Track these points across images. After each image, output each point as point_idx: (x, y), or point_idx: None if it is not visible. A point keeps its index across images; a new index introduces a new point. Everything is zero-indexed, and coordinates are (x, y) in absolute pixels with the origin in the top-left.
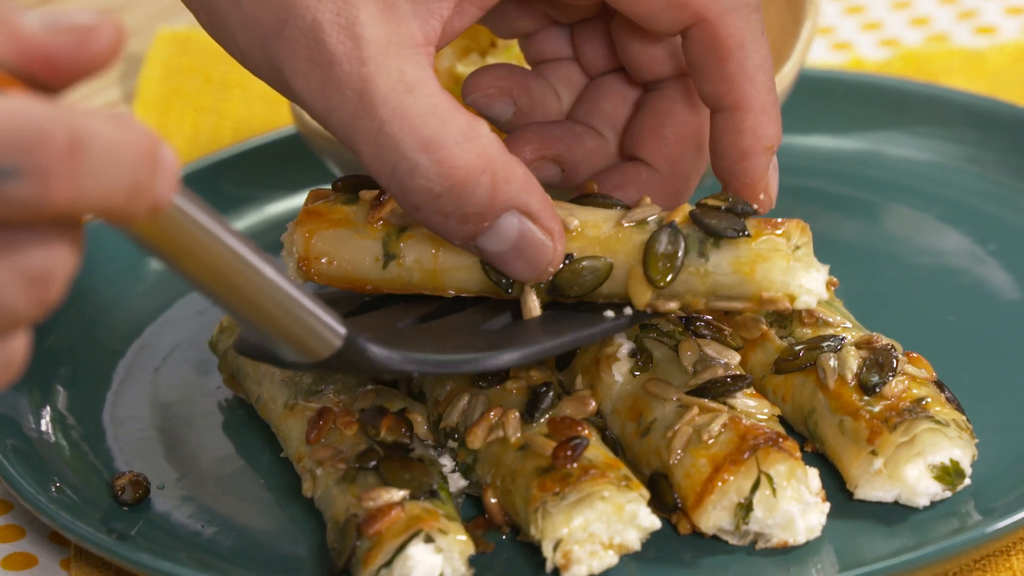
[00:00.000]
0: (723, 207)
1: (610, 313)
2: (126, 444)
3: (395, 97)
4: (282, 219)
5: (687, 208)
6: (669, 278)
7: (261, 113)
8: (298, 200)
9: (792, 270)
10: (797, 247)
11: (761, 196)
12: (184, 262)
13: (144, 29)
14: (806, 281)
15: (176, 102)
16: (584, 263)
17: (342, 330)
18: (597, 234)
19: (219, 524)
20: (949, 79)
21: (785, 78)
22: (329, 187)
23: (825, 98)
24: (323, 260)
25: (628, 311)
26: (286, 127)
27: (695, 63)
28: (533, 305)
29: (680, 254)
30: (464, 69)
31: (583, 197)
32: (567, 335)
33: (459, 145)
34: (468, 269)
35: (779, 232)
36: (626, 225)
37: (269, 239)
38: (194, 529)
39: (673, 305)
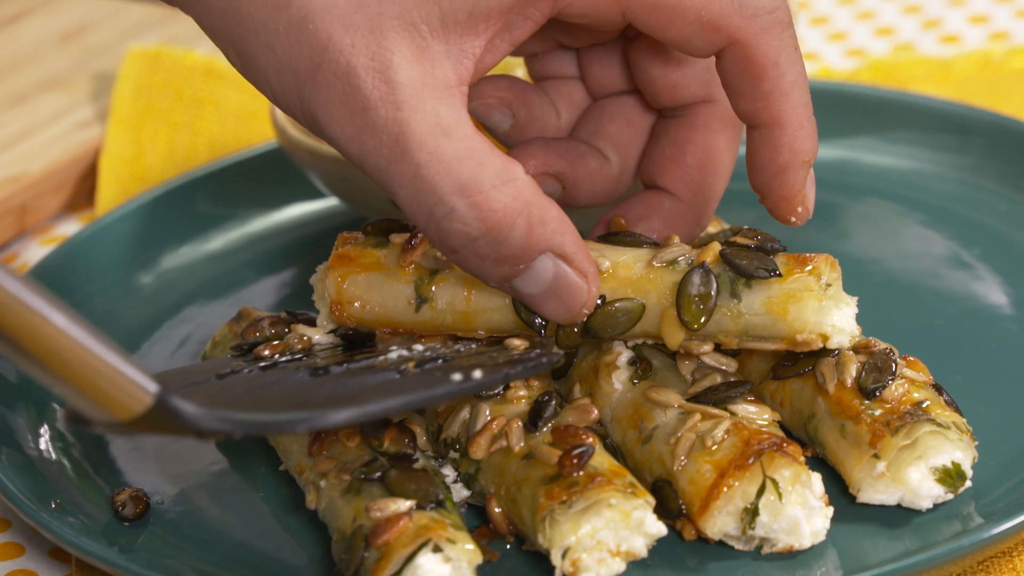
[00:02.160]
0: (752, 245)
1: (457, 376)
2: (123, 460)
3: (431, 141)
4: (264, 235)
5: (717, 247)
6: (703, 320)
7: (234, 130)
8: (278, 216)
9: (824, 309)
10: (828, 284)
11: (799, 209)
12: None
13: (113, 47)
14: (838, 320)
15: (150, 119)
16: (617, 305)
17: (153, 386)
18: (629, 275)
19: (220, 538)
20: (918, 87)
21: None
22: (340, 229)
23: None
24: (356, 304)
25: (477, 375)
26: (265, 142)
27: (730, 82)
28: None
29: (713, 295)
30: None
31: (611, 236)
32: (403, 396)
33: (495, 188)
34: (500, 311)
35: (809, 269)
36: (657, 265)
37: (249, 255)
38: (196, 543)
39: (707, 347)
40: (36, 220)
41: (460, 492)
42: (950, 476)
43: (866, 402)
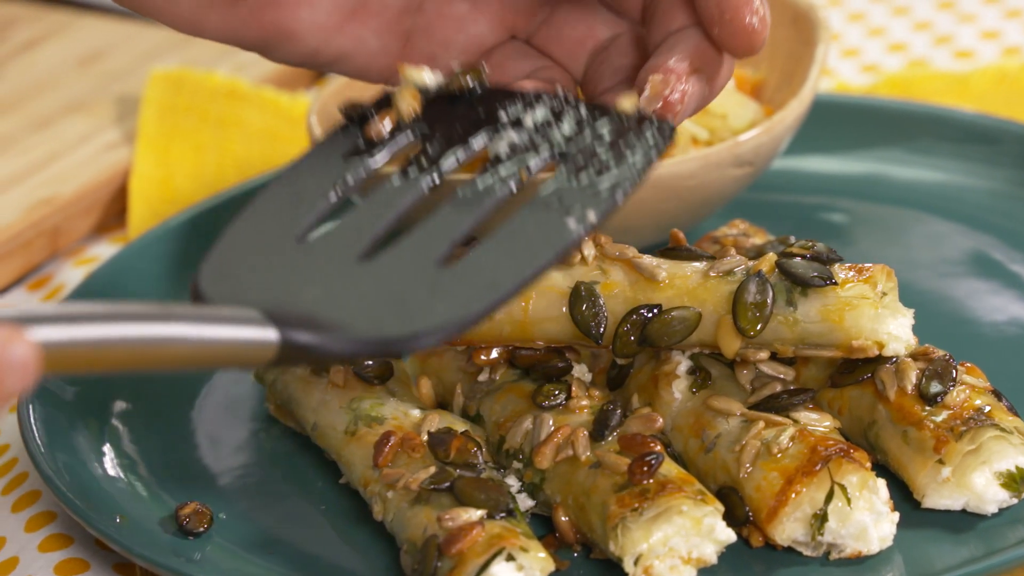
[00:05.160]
0: (808, 255)
1: (572, 222)
2: (184, 476)
3: None
4: None
5: (773, 258)
6: (759, 327)
7: (261, 151)
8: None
9: (880, 317)
10: (884, 293)
11: (755, 18)
12: (91, 369)
13: (132, 71)
14: (894, 328)
15: (176, 141)
16: (674, 314)
17: (273, 334)
18: (685, 285)
19: (285, 550)
20: (937, 101)
21: (803, 101)
22: None
23: (831, 120)
24: None
25: (592, 217)
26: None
27: None
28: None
29: (769, 303)
30: None
31: (670, 250)
32: (519, 277)
33: None
34: (558, 320)
35: (865, 278)
36: (713, 275)
37: None
38: (262, 555)
39: (763, 355)
40: (68, 242)
41: (525, 502)
42: (1015, 481)
43: (928, 408)
